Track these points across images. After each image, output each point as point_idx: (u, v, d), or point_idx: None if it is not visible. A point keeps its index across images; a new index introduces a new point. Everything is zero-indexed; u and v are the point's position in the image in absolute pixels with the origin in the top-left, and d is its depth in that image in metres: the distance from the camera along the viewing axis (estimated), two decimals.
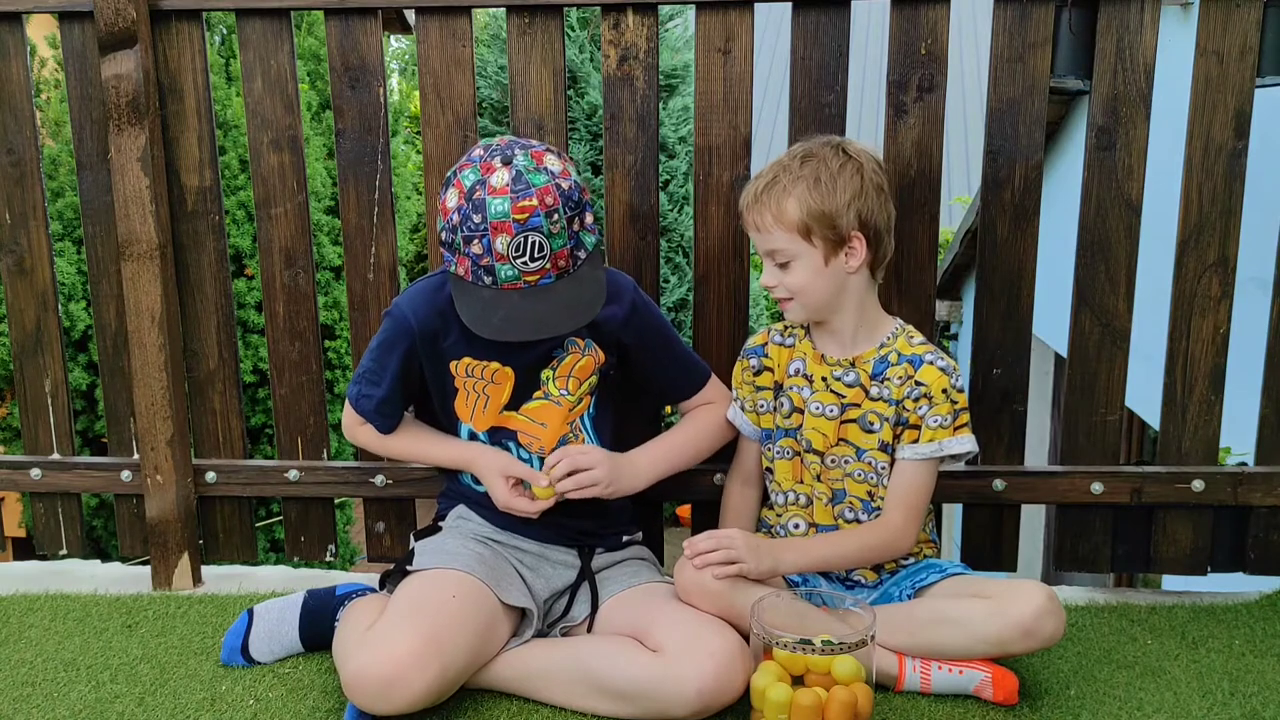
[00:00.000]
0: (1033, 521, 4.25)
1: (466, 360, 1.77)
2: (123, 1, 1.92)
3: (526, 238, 1.59)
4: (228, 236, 2.73)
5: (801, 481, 1.81)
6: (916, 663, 1.68)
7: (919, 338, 1.77)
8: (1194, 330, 1.99)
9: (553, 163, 1.64)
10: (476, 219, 1.60)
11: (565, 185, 1.63)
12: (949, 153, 9.95)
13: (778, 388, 1.83)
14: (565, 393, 1.79)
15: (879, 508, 1.76)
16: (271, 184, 2.06)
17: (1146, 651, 1.85)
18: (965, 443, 1.72)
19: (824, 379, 1.77)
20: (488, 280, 1.63)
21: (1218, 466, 2.04)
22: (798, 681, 1.55)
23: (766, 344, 1.85)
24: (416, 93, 3.21)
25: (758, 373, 1.85)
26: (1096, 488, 2.03)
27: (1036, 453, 5.87)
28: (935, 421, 1.71)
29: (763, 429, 1.86)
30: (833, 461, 1.77)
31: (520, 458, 1.80)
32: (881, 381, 1.73)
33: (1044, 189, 1.96)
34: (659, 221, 2.03)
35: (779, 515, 1.85)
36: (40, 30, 5.30)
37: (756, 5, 1.92)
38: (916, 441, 1.72)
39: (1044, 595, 1.62)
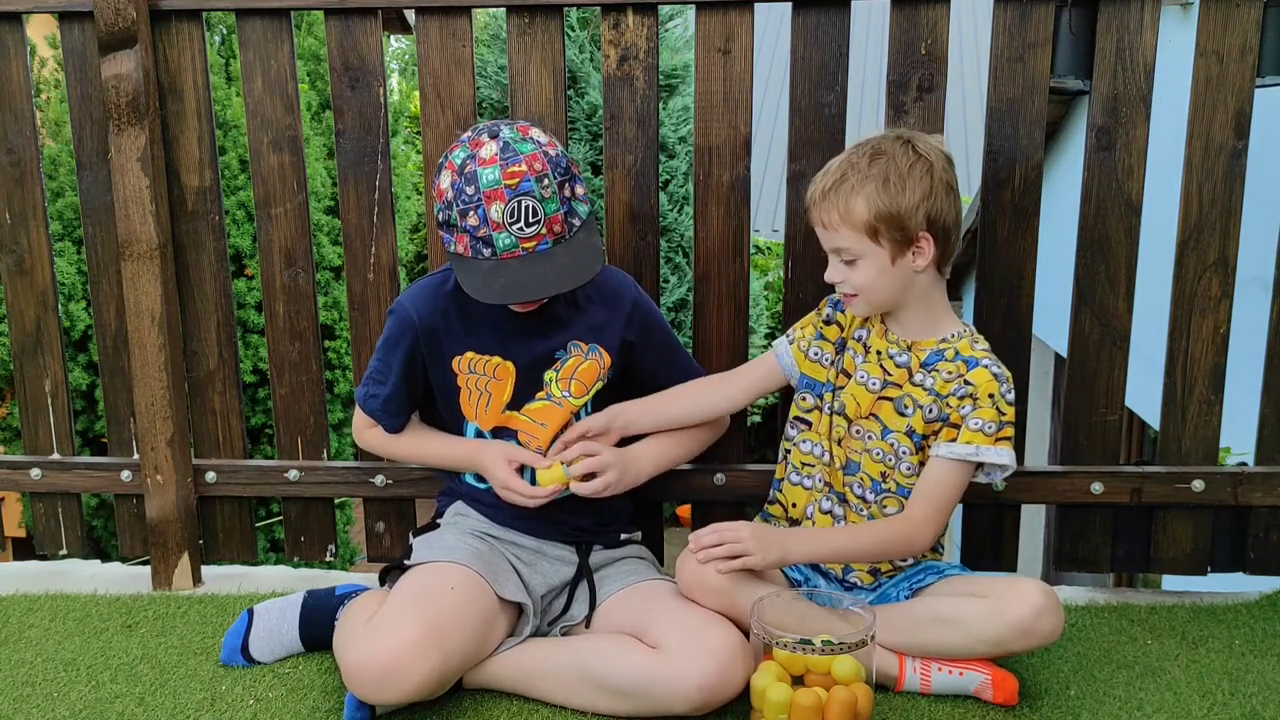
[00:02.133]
0: (1033, 521, 4.24)
1: (469, 355, 1.78)
2: (123, 1, 1.92)
3: (520, 202, 1.61)
4: (228, 236, 2.73)
5: (831, 439, 1.79)
6: (917, 663, 1.67)
7: (983, 344, 1.74)
8: (1194, 330, 1.98)
9: (539, 135, 1.67)
10: (470, 191, 1.62)
11: (553, 153, 1.65)
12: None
13: (840, 344, 1.81)
14: (568, 394, 1.80)
15: (888, 489, 1.75)
16: (271, 184, 2.06)
17: (1146, 651, 1.85)
18: (1004, 455, 1.67)
19: (878, 353, 1.76)
20: (486, 252, 1.64)
21: (1218, 466, 2.04)
22: (798, 681, 1.55)
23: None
24: (416, 93, 3.21)
25: (828, 322, 1.83)
26: (1096, 488, 2.03)
27: (1036, 453, 5.86)
28: (976, 424, 1.66)
29: (802, 375, 1.84)
30: (857, 432, 1.76)
31: None
32: (930, 371, 1.72)
33: (1044, 189, 1.96)
34: (659, 221, 2.03)
35: (799, 468, 1.82)
36: (40, 30, 5.29)
37: (756, 5, 1.92)
38: (954, 441, 1.68)
39: (1042, 594, 1.61)
